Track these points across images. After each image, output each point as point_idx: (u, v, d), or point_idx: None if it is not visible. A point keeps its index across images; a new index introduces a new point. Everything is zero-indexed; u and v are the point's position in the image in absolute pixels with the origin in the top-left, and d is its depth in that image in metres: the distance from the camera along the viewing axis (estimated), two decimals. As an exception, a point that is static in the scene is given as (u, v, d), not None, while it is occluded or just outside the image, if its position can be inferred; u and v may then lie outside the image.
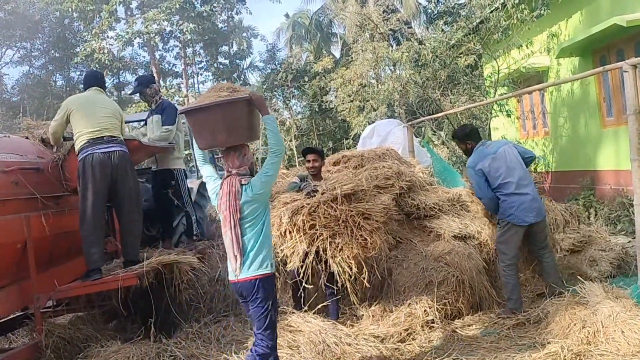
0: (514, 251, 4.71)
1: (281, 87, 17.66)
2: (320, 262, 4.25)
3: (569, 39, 9.30)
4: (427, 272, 4.82)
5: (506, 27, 10.20)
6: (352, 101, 14.20)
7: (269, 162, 3.30)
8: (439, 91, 11.49)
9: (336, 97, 15.50)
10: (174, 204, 6.02)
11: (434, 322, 4.52)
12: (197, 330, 4.57)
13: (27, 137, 4.99)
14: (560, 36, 9.95)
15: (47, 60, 25.54)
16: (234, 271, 3.20)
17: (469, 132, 5.03)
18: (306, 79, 17.33)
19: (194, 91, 25.53)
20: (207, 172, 3.43)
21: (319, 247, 4.15)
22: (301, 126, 16.65)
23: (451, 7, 12.03)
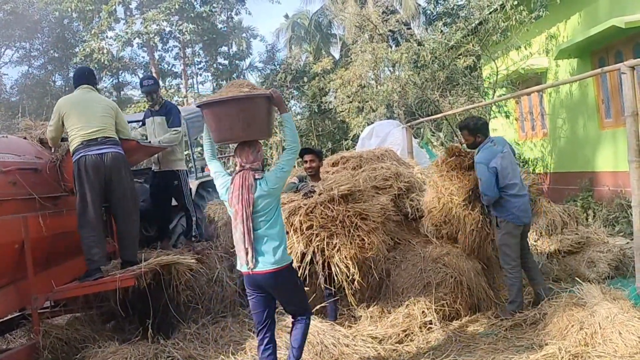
0: (517, 251, 4.70)
1: (280, 88, 17.62)
2: (317, 262, 4.25)
3: (567, 40, 9.32)
4: (425, 273, 4.82)
5: (505, 29, 10.22)
6: (351, 102, 14.17)
7: (284, 158, 3.43)
8: (437, 92, 11.48)
9: (335, 97, 15.46)
10: (172, 204, 6.03)
11: (432, 323, 4.52)
12: (195, 331, 4.57)
13: (25, 138, 4.99)
14: (558, 38, 9.97)
15: (46, 60, 25.47)
16: (246, 264, 3.26)
17: (481, 125, 4.76)
18: (305, 79, 17.29)
19: (193, 91, 25.48)
20: (216, 167, 3.51)
21: (316, 248, 4.15)
22: (300, 127, 16.59)
23: (450, 8, 12.01)
